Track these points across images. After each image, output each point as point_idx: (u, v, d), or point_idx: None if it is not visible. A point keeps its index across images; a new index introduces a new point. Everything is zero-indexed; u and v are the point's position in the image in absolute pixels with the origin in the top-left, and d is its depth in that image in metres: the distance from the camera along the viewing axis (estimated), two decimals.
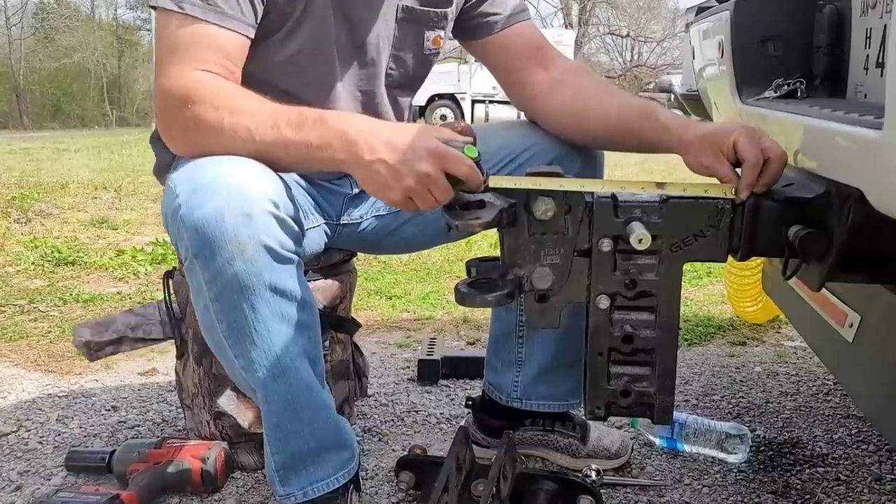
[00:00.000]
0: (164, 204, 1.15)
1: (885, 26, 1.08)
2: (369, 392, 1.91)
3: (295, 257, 1.13)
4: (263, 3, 1.20)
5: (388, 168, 1.04)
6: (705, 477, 1.52)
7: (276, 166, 1.13)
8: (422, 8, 1.36)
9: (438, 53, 1.44)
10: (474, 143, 1.07)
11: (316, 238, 1.40)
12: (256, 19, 1.20)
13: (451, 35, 1.46)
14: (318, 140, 1.08)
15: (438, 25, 1.39)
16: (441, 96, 16.58)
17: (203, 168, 1.09)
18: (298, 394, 1.18)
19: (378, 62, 1.36)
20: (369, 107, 1.37)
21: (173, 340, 1.58)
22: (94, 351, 1.57)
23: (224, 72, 1.16)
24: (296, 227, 1.13)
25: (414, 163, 1.03)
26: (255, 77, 1.26)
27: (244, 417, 1.50)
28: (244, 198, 1.05)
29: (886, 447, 1.62)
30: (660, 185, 1.06)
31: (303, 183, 1.38)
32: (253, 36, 1.20)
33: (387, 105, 1.40)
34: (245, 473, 1.52)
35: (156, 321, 1.58)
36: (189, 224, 1.06)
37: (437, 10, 1.38)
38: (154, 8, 1.18)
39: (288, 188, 1.16)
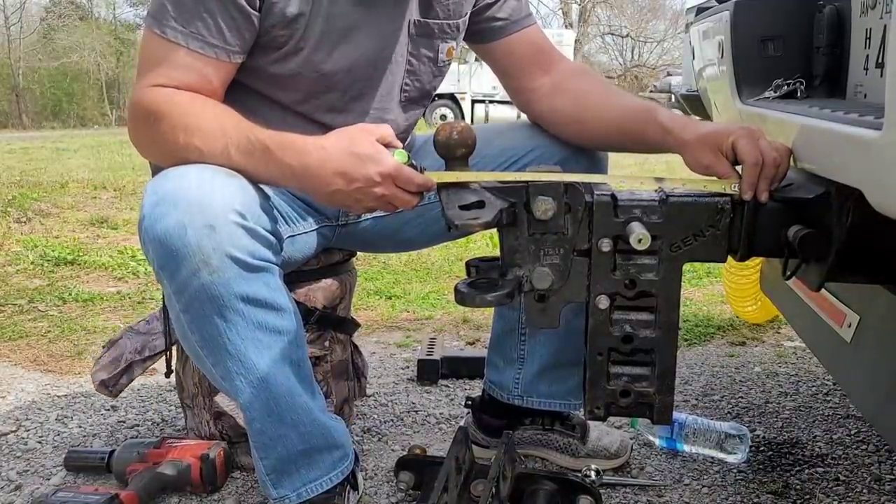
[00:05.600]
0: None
1: (885, 26, 1.08)
2: (369, 392, 1.91)
3: (268, 265, 1.13)
4: (256, 27, 1.18)
5: (346, 195, 1.09)
6: (705, 477, 1.52)
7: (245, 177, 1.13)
8: (434, 21, 1.34)
9: (450, 63, 1.43)
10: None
11: (308, 242, 1.39)
12: (244, 45, 1.19)
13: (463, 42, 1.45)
14: (267, 172, 1.11)
15: (451, 36, 1.38)
16: (441, 96, 16.55)
17: (169, 178, 1.09)
18: (280, 399, 1.18)
19: (392, 80, 1.34)
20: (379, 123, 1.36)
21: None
22: (111, 387, 1.58)
23: (197, 89, 1.16)
24: (269, 236, 1.13)
25: (370, 188, 1.08)
26: (256, 92, 1.27)
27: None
28: (207, 209, 1.05)
29: (885, 447, 1.62)
30: (659, 179, 1.06)
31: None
32: (239, 60, 1.20)
33: (398, 122, 1.38)
34: (245, 473, 1.52)
35: (159, 332, 1.58)
36: (152, 236, 1.06)
37: (451, 21, 1.36)
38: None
39: (265, 196, 1.15)
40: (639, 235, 0.98)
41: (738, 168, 1.07)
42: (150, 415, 1.83)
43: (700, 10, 1.80)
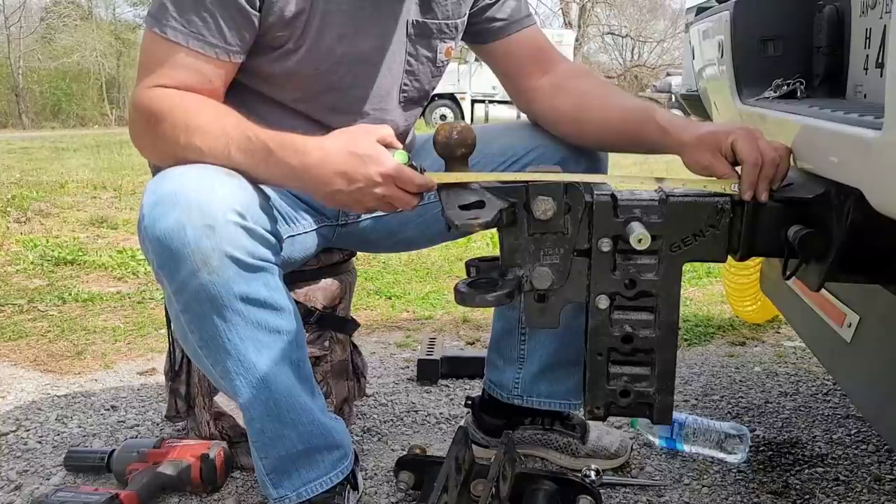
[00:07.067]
0: None
1: (885, 26, 1.08)
2: (369, 392, 1.90)
3: (268, 265, 1.13)
4: (256, 27, 1.18)
5: (346, 196, 1.09)
6: (705, 477, 1.52)
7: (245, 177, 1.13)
8: (433, 21, 1.34)
9: (448, 63, 1.43)
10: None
11: (308, 242, 1.39)
12: (244, 45, 1.19)
13: (461, 42, 1.44)
14: (267, 172, 1.11)
15: (450, 36, 1.38)
16: (441, 96, 16.55)
17: (168, 178, 1.09)
18: (280, 399, 1.18)
19: (392, 80, 1.34)
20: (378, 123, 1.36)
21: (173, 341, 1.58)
22: (174, 417, 1.60)
23: (198, 89, 1.16)
24: (268, 236, 1.13)
25: (371, 189, 1.08)
26: (256, 91, 1.27)
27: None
28: (206, 209, 1.05)
29: (885, 447, 1.62)
30: (659, 179, 1.06)
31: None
32: (239, 60, 1.20)
33: (398, 122, 1.38)
34: (244, 473, 1.52)
35: None
36: (152, 236, 1.06)
37: (449, 21, 1.36)
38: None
39: (264, 196, 1.15)
40: (639, 235, 0.98)
41: (738, 168, 1.07)
42: (150, 415, 1.83)
43: (700, 10, 1.80)
